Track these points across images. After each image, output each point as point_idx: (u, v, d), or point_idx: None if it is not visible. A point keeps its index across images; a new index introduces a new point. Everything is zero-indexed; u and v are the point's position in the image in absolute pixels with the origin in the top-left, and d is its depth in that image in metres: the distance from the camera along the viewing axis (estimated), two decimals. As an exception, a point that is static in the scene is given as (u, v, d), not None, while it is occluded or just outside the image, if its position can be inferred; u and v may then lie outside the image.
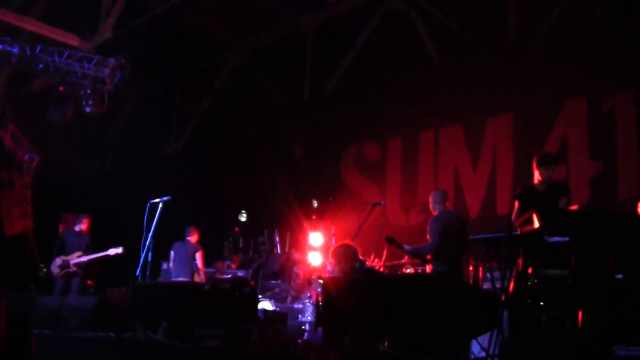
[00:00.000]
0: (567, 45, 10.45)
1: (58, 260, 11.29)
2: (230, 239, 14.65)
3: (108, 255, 11.10)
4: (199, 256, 12.14)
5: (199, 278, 11.94)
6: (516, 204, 6.86)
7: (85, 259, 11.27)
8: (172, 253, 12.23)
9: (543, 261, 5.66)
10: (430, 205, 8.74)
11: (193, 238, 12.33)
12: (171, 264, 12.17)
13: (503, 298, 5.75)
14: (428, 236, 8.36)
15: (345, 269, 7.81)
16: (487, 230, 6.69)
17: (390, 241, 8.45)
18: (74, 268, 11.24)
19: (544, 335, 5.37)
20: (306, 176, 14.48)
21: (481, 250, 7.25)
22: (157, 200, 9.41)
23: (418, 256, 8.65)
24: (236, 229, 14.80)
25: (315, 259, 12.35)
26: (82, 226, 11.68)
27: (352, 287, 7.12)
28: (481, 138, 11.72)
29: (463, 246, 8.29)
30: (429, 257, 8.42)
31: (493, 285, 7.10)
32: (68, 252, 11.38)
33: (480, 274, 9.31)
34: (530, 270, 5.82)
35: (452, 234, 8.23)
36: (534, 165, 7.18)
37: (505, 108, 11.43)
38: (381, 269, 9.85)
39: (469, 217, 11.22)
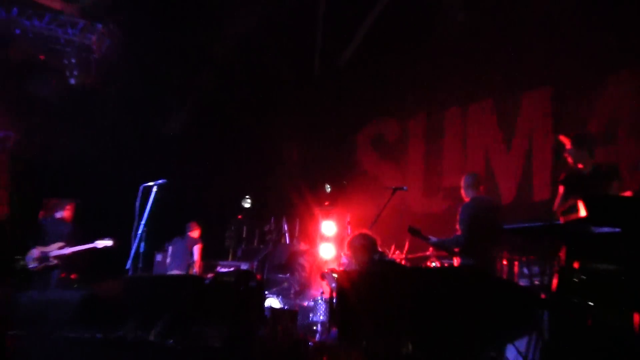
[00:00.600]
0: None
1: (35, 252, 11.01)
2: (233, 227, 14.59)
3: (95, 248, 10.95)
4: (196, 249, 12.16)
5: (194, 272, 11.93)
6: (560, 189, 6.66)
7: (67, 251, 11.03)
8: (170, 248, 12.22)
9: (590, 254, 5.48)
10: (462, 191, 8.56)
11: (194, 233, 12.41)
12: (168, 260, 12.18)
13: (543, 296, 5.59)
14: (457, 225, 8.19)
15: (362, 261, 7.70)
16: (523, 219, 6.51)
17: (414, 232, 8.28)
18: (54, 261, 11.03)
19: (591, 339, 5.20)
20: (318, 158, 14.39)
21: (516, 241, 7.08)
22: (151, 183, 9.28)
23: (445, 249, 8.48)
24: (239, 217, 14.75)
25: (327, 250, 12.27)
26: (65, 213, 11.50)
27: (370, 282, 6.98)
28: (515, 115, 11.55)
29: (497, 237, 8.12)
30: (457, 249, 8.26)
31: (531, 281, 6.95)
32: (47, 242, 11.14)
33: (516, 268, 9.11)
34: (575, 265, 5.63)
35: (484, 224, 8.04)
36: (571, 146, 6.97)
37: (543, 81, 11.22)
38: (403, 262, 9.73)
39: (501, 204, 11.07)
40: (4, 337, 3.57)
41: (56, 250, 11.04)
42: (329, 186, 13.33)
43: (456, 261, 8.64)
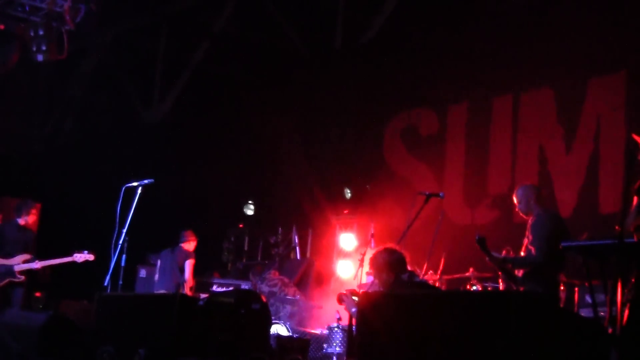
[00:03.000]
0: None
1: None
2: (232, 238, 14.68)
3: (73, 262, 11.00)
4: (188, 265, 12.06)
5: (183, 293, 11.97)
6: (635, 199, 6.70)
7: (37, 265, 11.05)
8: (158, 262, 12.23)
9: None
10: (520, 206, 8.53)
11: (188, 245, 12.31)
12: (156, 276, 12.21)
13: (610, 331, 5.64)
14: (530, 245, 8.18)
15: (387, 281, 7.74)
16: (586, 236, 6.57)
17: (482, 243, 8.24)
18: (21, 277, 11.07)
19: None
20: (336, 156, 14.44)
21: (576, 262, 7.11)
22: (134, 183, 9.38)
23: (506, 270, 8.48)
24: (240, 225, 14.85)
25: (346, 268, 12.35)
26: (29, 218, 11.53)
27: (397, 307, 7.02)
28: (579, 106, 11.58)
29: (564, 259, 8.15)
30: (520, 272, 8.27)
31: (595, 312, 6.98)
32: (7, 253, 11.17)
33: (576, 295, 9.17)
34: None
35: (559, 244, 8.06)
36: None
37: (615, 65, 11.26)
38: (436, 284, 9.79)
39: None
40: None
41: (22, 263, 11.07)
42: (348, 191, 13.40)
43: (501, 285, 8.67)
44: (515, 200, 8.50)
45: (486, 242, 8.16)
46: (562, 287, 9.27)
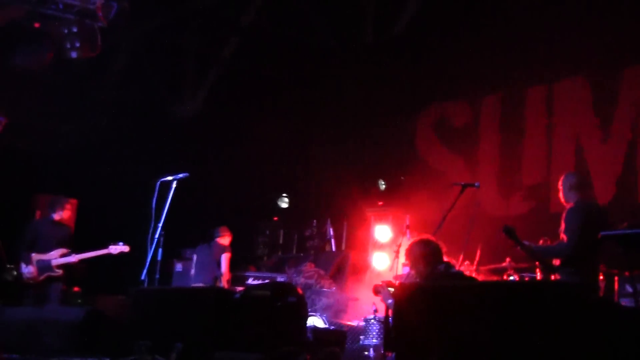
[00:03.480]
0: None
1: (33, 259, 11.20)
2: (267, 231, 14.69)
3: (109, 255, 11.09)
4: (224, 259, 12.20)
5: (220, 286, 12.03)
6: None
7: (74, 258, 11.19)
8: (194, 257, 12.34)
9: None
10: (561, 194, 8.51)
11: (223, 240, 12.48)
12: (192, 271, 12.28)
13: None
14: (562, 234, 8.15)
15: (424, 273, 7.71)
16: (625, 224, 6.50)
17: (510, 233, 8.21)
18: (58, 271, 11.24)
19: None
20: (369, 148, 14.41)
21: (616, 252, 7.05)
22: (169, 178, 9.40)
23: (542, 259, 8.45)
24: (274, 219, 14.85)
25: (381, 260, 12.33)
26: (64, 213, 11.63)
27: (434, 298, 6.99)
28: (615, 96, 11.49)
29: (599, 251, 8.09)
30: (557, 261, 8.23)
31: (636, 302, 6.91)
32: (43, 248, 11.29)
33: (616, 285, 9.08)
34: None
35: (595, 234, 8.00)
36: None
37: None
38: (473, 274, 9.74)
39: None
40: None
41: (59, 257, 11.18)
42: (382, 182, 13.36)
43: (539, 275, 8.61)
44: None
45: (515, 232, 8.14)
46: (601, 277, 9.21)
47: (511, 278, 9.64)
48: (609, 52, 11.46)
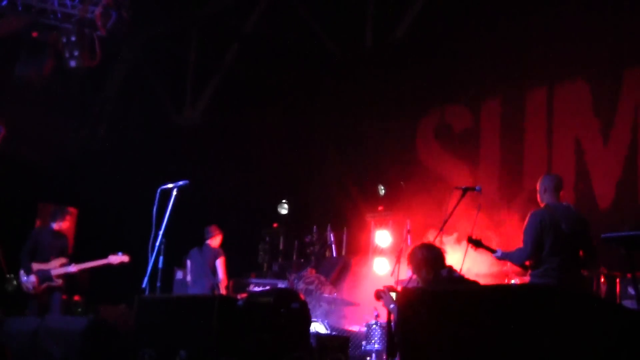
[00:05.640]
0: None
1: (34, 269, 11.13)
2: (267, 238, 14.68)
3: (109, 265, 11.04)
4: (219, 264, 11.91)
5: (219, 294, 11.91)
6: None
7: (74, 268, 11.10)
8: (188, 263, 12.13)
9: None
10: (538, 195, 8.54)
11: (214, 241, 12.10)
12: (188, 277, 12.13)
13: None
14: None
15: (426, 278, 7.70)
16: (626, 226, 6.49)
17: (475, 243, 8.30)
18: (58, 281, 11.19)
19: None
20: (369, 153, 14.41)
21: (617, 254, 7.04)
22: (170, 185, 9.39)
23: (514, 264, 8.50)
24: (274, 225, 14.83)
25: (382, 265, 12.32)
26: (64, 224, 11.50)
27: (438, 303, 6.97)
28: (615, 98, 11.46)
29: (575, 253, 8.07)
30: (527, 263, 8.26)
31: (639, 303, 6.89)
32: (43, 258, 11.24)
33: (618, 287, 9.09)
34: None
35: (558, 237, 8.02)
36: None
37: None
38: (475, 279, 9.73)
39: (597, 207, 11.02)
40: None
41: (59, 267, 11.14)
42: (382, 187, 13.35)
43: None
44: None
45: (481, 242, 8.18)
46: (602, 279, 9.22)
47: (512, 281, 9.64)
48: (608, 54, 11.47)
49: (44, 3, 11.23)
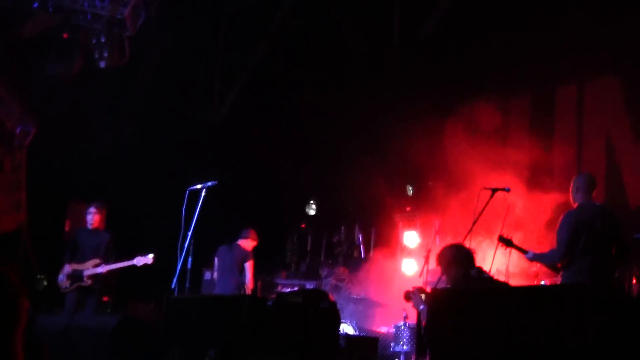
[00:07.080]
0: None
1: (67, 269, 11.12)
2: (295, 238, 14.69)
3: (134, 266, 11.02)
4: (248, 267, 11.86)
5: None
6: None
7: (103, 269, 11.00)
8: (216, 260, 12.07)
9: None
10: (570, 195, 8.50)
11: (247, 243, 12.00)
12: (215, 274, 12.08)
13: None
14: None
15: (456, 277, 7.69)
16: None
17: (507, 242, 8.28)
18: (89, 281, 11.08)
19: None
20: (397, 152, 14.38)
21: None
22: (198, 186, 9.41)
23: (546, 265, 8.47)
24: (302, 225, 14.86)
25: (411, 265, 12.32)
26: (94, 217, 11.37)
27: (467, 304, 6.98)
28: (648, 95, 11.38)
29: (607, 252, 8.03)
30: (559, 265, 8.23)
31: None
32: (82, 257, 11.22)
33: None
34: None
35: (593, 235, 7.98)
36: None
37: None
38: (505, 279, 9.70)
39: (628, 207, 10.95)
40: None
41: (91, 268, 11.11)
42: (410, 187, 13.33)
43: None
44: None
45: (512, 242, 8.17)
46: (634, 280, 9.18)
47: (542, 282, 9.60)
48: (639, 51, 11.37)
49: (74, 4, 11.29)
